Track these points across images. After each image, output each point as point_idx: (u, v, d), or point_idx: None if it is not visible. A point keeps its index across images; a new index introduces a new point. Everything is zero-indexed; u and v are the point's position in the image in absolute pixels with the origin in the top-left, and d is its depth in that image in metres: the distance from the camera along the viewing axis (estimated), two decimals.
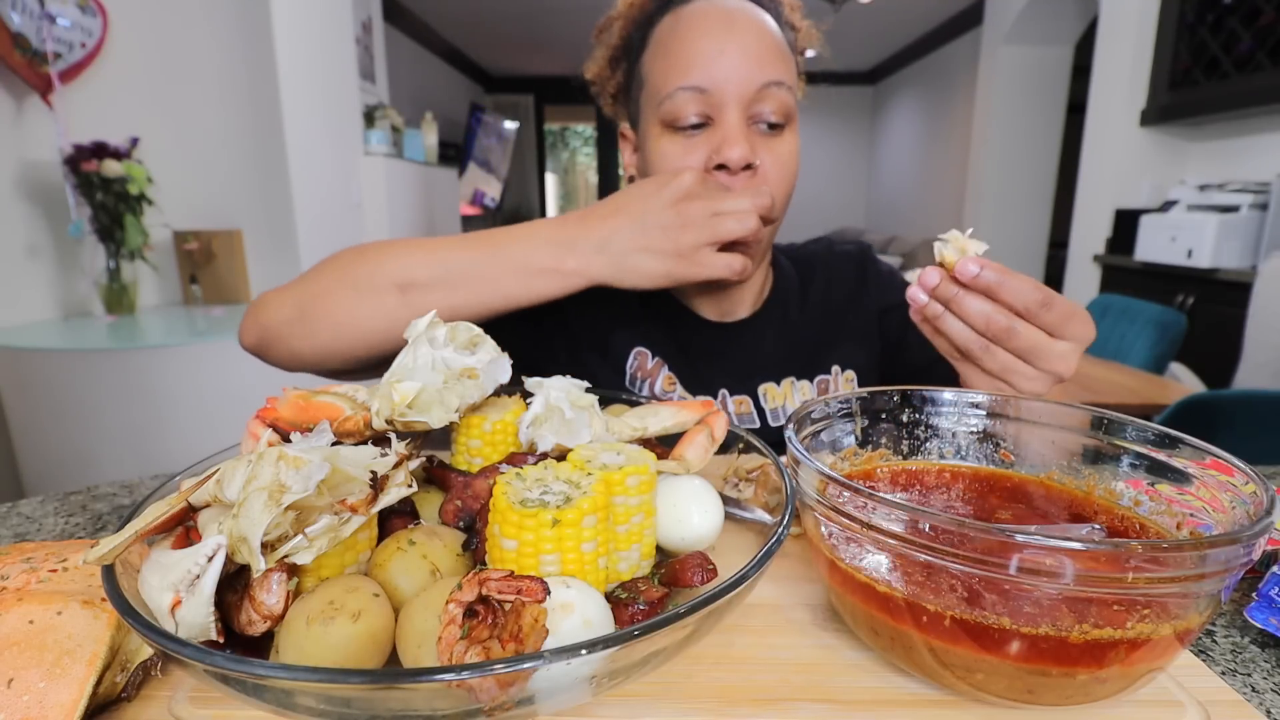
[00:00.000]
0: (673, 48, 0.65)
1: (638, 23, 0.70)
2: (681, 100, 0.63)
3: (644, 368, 0.75)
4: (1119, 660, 0.30)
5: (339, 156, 2.86)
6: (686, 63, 0.63)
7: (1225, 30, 2.59)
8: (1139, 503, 0.41)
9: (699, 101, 0.63)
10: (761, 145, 0.64)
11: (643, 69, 0.69)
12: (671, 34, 0.65)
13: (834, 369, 0.76)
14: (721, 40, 0.62)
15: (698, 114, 0.63)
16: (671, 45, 0.65)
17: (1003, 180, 4.49)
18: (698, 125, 0.64)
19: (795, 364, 0.76)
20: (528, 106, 7.83)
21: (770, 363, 0.76)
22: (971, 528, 0.30)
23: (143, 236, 2.05)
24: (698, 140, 0.64)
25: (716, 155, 0.63)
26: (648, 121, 0.68)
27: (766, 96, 0.63)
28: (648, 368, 0.75)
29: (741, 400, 0.75)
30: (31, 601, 0.34)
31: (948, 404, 0.49)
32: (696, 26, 0.64)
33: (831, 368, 0.76)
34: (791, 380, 0.75)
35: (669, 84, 0.64)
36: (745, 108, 0.63)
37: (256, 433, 0.39)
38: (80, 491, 0.66)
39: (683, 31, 0.64)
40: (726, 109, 0.63)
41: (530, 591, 0.28)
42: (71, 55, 1.97)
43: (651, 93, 0.67)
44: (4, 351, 1.69)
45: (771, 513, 0.45)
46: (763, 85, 0.63)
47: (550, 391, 0.43)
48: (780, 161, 0.65)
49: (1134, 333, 2.04)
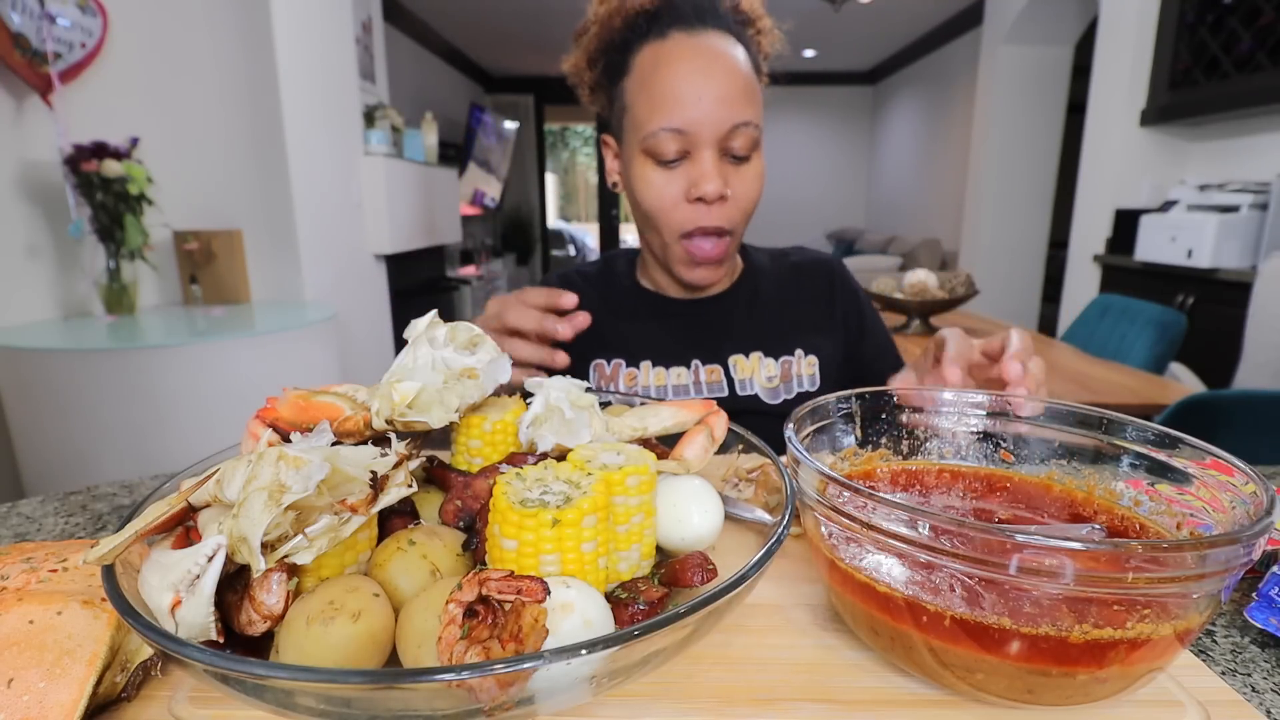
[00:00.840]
0: (654, 87, 0.72)
1: (615, 44, 0.77)
2: (663, 139, 0.72)
3: (604, 375, 0.83)
4: (1119, 660, 0.30)
5: (339, 156, 2.86)
6: (668, 106, 0.71)
7: (1225, 30, 2.59)
8: (1139, 503, 0.41)
9: (678, 140, 0.72)
10: (732, 174, 0.75)
11: (626, 95, 0.76)
12: (653, 71, 0.73)
13: (797, 351, 0.83)
14: (699, 86, 0.71)
15: (677, 150, 0.73)
16: (653, 83, 0.72)
17: (1003, 180, 4.49)
18: (677, 159, 0.74)
19: (762, 341, 0.84)
20: (528, 106, 7.83)
21: (739, 336, 0.84)
22: (971, 528, 0.30)
23: (143, 236, 2.05)
24: (677, 172, 0.74)
25: (694, 189, 0.73)
26: (631, 146, 0.76)
27: (736, 135, 0.72)
28: (606, 373, 0.83)
29: (713, 369, 0.82)
30: (31, 601, 0.34)
31: (948, 404, 0.49)
32: (675, 69, 0.71)
33: (795, 350, 0.84)
34: (760, 355, 0.83)
35: (652, 123, 0.72)
36: (718, 145, 0.73)
37: (256, 433, 0.39)
38: (80, 491, 0.66)
39: (664, 72, 0.72)
40: (702, 147, 0.72)
41: (530, 591, 0.28)
42: (71, 55, 1.97)
43: (635, 123, 0.75)
44: (4, 351, 1.69)
45: (771, 513, 0.45)
46: (733, 126, 0.72)
47: (550, 391, 0.43)
48: (747, 185, 0.76)
49: (1134, 333, 2.04)
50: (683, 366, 0.82)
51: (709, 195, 0.72)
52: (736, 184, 0.74)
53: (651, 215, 0.77)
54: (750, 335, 0.84)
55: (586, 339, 0.84)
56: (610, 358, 0.84)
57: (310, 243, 2.60)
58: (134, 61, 2.19)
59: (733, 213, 0.75)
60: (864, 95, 7.74)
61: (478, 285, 5.77)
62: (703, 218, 0.74)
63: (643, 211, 0.78)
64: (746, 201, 0.76)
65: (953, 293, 2.14)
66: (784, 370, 0.82)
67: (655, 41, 0.73)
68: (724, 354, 0.82)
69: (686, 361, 0.82)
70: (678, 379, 0.82)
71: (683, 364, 0.82)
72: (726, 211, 0.75)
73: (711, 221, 0.74)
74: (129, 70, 2.18)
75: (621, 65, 0.76)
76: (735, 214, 0.76)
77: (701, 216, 0.74)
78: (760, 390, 0.81)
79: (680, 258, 0.78)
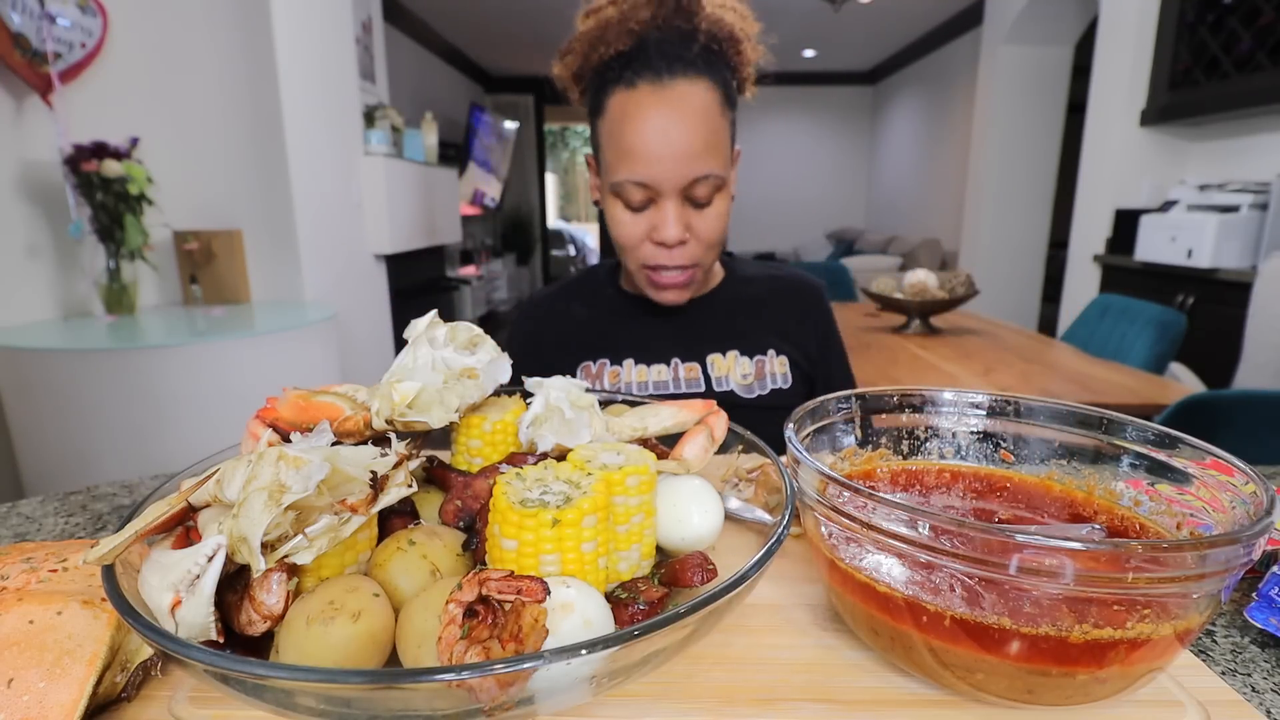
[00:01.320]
0: (621, 139, 0.76)
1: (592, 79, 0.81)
2: (628, 189, 0.77)
3: (589, 374, 0.88)
4: (1119, 660, 0.30)
5: (339, 156, 2.86)
6: (632, 160, 0.76)
7: (1225, 30, 2.59)
8: (1139, 503, 0.41)
9: (641, 191, 0.77)
10: (693, 217, 0.79)
11: (600, 134, 0.80)
12: (621, 121, 0.76)
13: (770, 351, 0.89)
14: (660, 144, 0.74)
15: (641, 199, 0.78)
16: (620, 134, 0.76)
17: (1003, 180, 4.49)
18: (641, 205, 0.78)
19: (738, 341, 0.88)
20: (528, 106, 7.83)
21: (716, 336, 0.89)
22: (971, 528, 0.30)
23: (143, 236, 2.05)
24: (642, 216, 0.79)
25: (655, 234, 0.78)
26: (605, 183, 0.81)
27: (697, 185, 0.76)
28: (592, 373, 0.88)
29: (691, 367, 0.87)
30: (31, 601, 0.34)
31: (948, 404, 0.49)
32: (640, 125, 0.75)
33: (768, 350, 0.89)
34: (735, 354, 0.88)
35: (618, 173, 0.77)
36: (679, 194, 0.77)
37: (256, 433, 0.39)
38: (80, 491, 0.66)
39: (630, 125, 0.76)
40: (664, 197, 0.77)
41: (530, 591, 0.28)
42: (71, 55, 1.97)
43: (605, 166, 0.80)
44: (4, 351, 1.69)
45: (771, 513, 0.45)
46: (694, 180, 0.76)
47: (550, 391, 0.43)
48: (709, 225, 0.80)
49: (1134, 333, 2.04)
50: (663, 364, 0.87)
51: (669, 240, 0.78)
52: (698, 225, 0.79)
53: (620, 248, 0.83)
54: (727, 336, 0.89)
55: (573, 343, 0.90)
56: (595, 358, 0.89)
57: (310, 243, 2.60)
58: (134, 61, 2.19)
59: (694, 251, 0.80)
60: (864, 95, 7.74)
61: (478, 285, 5.77)
62: (664, 258, 0.80)
63: (613, 239, 0.84)
64: (708, 237, 0.81)
65: (953, 293, 2.14)
66: (758, 368, 0.87)
67: (625, 90, 0.76)
68: (702, 353, 0.88)
69: (667, 359, 0.87)
70: (658, 375, 0.87)
71: (663, 361, 0.87)
72: (687, 251, 0.80)
73: (673, 262, 0.80)
74: (129, 70, 2.18)
75: (597, 104, 0.80)
76: (697, 251, 0.81)
77: (663, 256, 0.80)
78: (736, 386, 0.86)
79: (646, 282, 0.84)
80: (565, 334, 0.92)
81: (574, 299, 0.94)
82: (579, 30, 0.81)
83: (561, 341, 0.91)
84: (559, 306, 0.94)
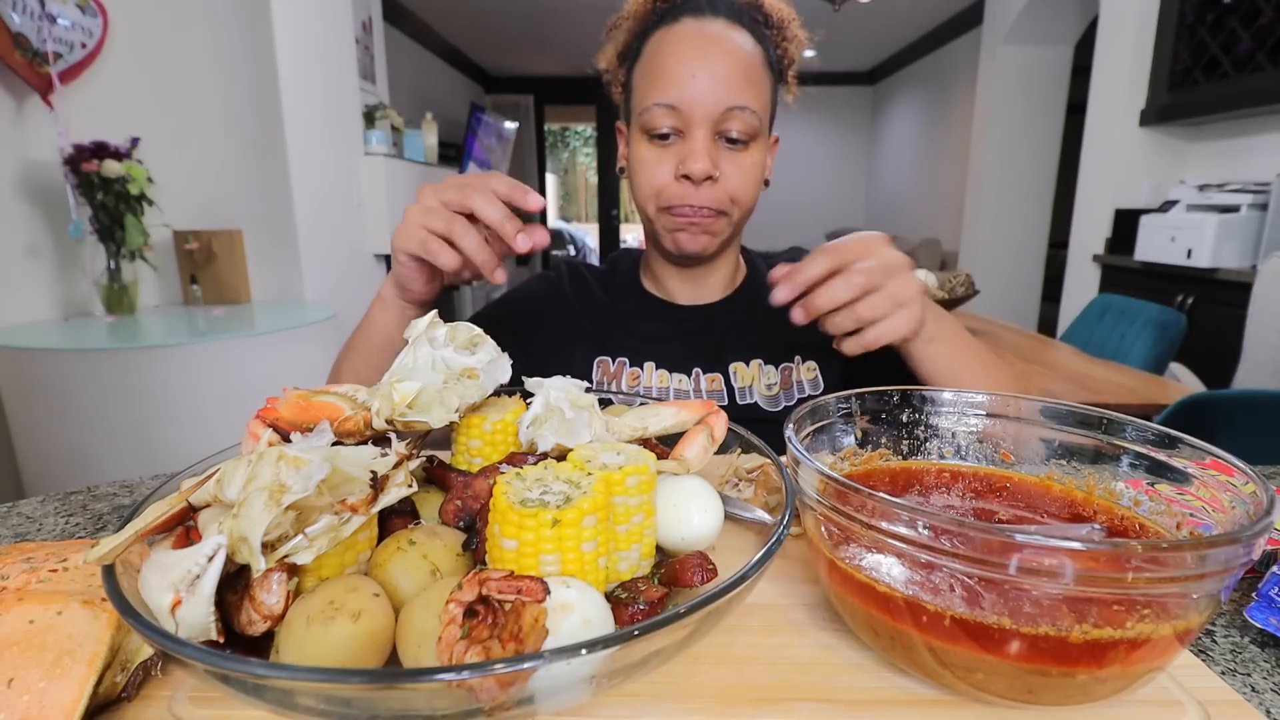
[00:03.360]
0: (654, 66, 0.74)
1: (636, 32, 0.79)
2: (656, 114, 0.73)
3: (607, 372, 0.83)
4: (1119, 660, 0.30)
5: (339, 156, 2.86)
6: (663, 82, 0.72)
7: (1225, 30, 2.59)
8: (1139, 503, 0.41)
9: (671, 116, 0.72)
10: (724, 158, 0.74)
11: (634, 78, 0.78)
12: (656, 52, 0.74)
13: (796, 358, 0.83)
14: (694, 65, 0.71)
15: (670, 126, 0.73)
16: (654, 63, 0.74)
17: (1003, 180, 4.49)
18: (669, 135, 0.74)
19: (763, 349, 0.83)
20: (528, 106, 7.83)
21: (740, 343, 0.83)
22: (971, 528, 0.30)
23: (143, 236, 2.05)
24: (670, 150, 0.74)
25: (682, 166, 0.73)
26: (633, 126, 0.77)
27: (731, 118, 0.72)
28: (610, 371, 0.83)
29: (714, 378, 0.82)
30: (31, 601, 0.34)
31: (948, 404, 0.49)
32: (675, 49, 0.73)
33: (794, 356, 0.83)
34: (759, 363, 0.83)
35: (648, 99, 0.73)
36: (712, 126, 0.72)
37: (256, 433, 0.39)
38: (80, 491, 0.66)
39: (664, 52, 0.73)
40: (694, 126, 0.72)
41: (530, 591, 0.28)
42: (71, 55, 1.97)
43: (636, 102, 0.76)
44: (4, 351, 1.69)
45: (771, 513, 0.45)
46: (728, 109, 0.71)
47: (550, 391, 0.43)
48: (741, 171, 0.75)
49: (1134, 333, 2.04)
50: (684, 374, 0.82)
51: (695, 174, 0.72)
52: (728, 168, 0.74)
53: (640, 188, 0.77)
54: (751, 342, 0.83)
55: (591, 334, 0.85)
56: (614, 356, 0.83)
57: (310, 243, 2.60)
58: (134, 61, 2.19)
59: (721, 196, 0.75)
60: (864, 95, 7.74)
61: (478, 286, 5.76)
62: (689, 196, 0.74)
63: (635, 187, 0.78)
64: (738, 188, 0.75)
65: (953, 293, 2.13)
66: (784, 377, 0.82)
67: (665, 27, 0.75)
68: (725, 361, 0.82)
69: (688, 369, 0.82)
70: (679, 384, 0.82)
71: (684, 371, 0.82)
72: (715, 194, 0.74)
73: (699, 201, 0.74)
74: (129, 70, 2.18)
75: (636, 51, 0.78)
76: (724, 198, 0.75)
77: (688, 195, 0.74)
78: (760, 398, 0.81)
79: (666, 226, 0.78)
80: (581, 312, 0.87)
81: (598, 283, 0.90)
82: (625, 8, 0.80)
83: (574, 316, 0.86)
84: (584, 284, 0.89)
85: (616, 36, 0.82)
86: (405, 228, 0.61)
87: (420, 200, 0.61)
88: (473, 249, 0.59)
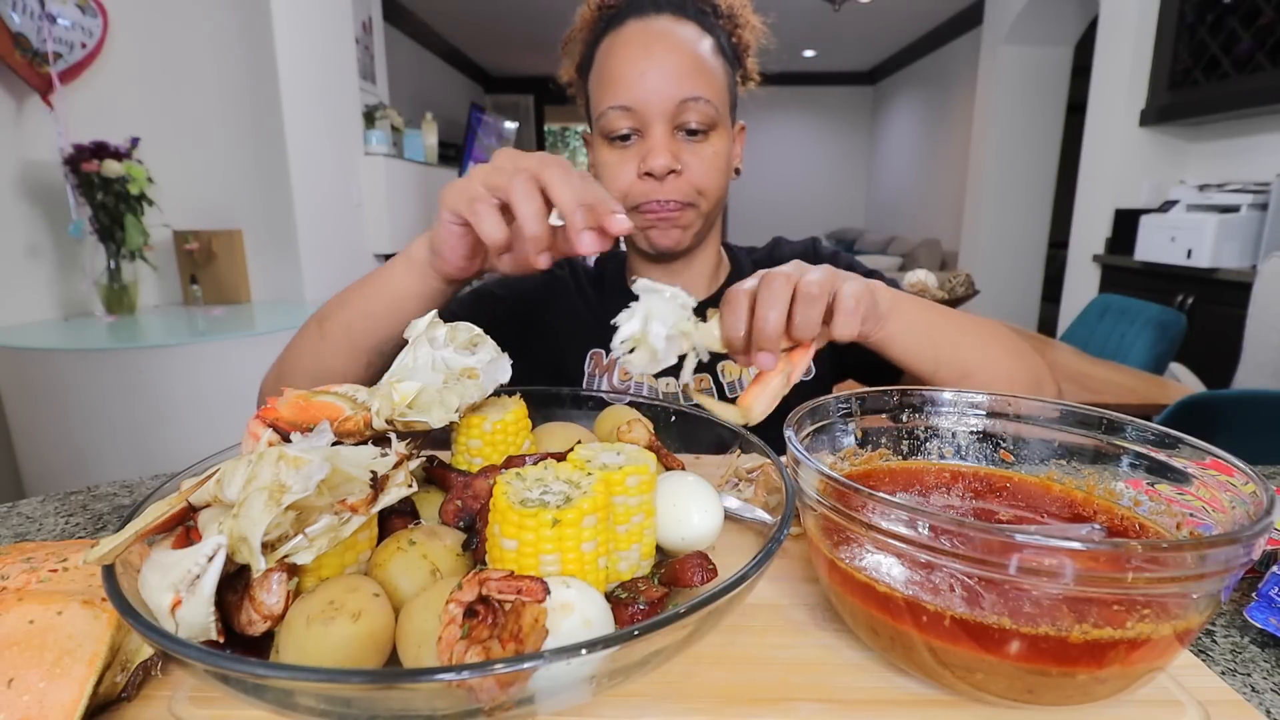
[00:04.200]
0: (605, 71, 0.75)
1: (587, 41, 0.80)
2: (612, 117, 0.74)
3: (600, 364, 0.83)
4: (1119, 660, 0.30)
5: (339, 156, 2.86)
6: (615, 85, 0.73)
7: (1225, 30, 2.59)
8: (1139, 503, 0.41)
9: (627, 117, 0.73)
10: (686, 150, 0.74)
11: (589, 86, 0.79)
12: (606, 58, 0.76)
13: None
14: (643, 64, 0.72)
15: (628, 127, 0.74)
16: (605, 69, 0.75)
17: (1003, 180, 4.49)
18: (629, 136, 0.74)
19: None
20: (528, 106, 7.83)
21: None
22: (971, 528, 0.30)
23: (143, 236, 2.05)
24: (631, 150, 0.75)
25: (643, 164, 0.73)
26: (595, 134, 0.78)
27: (686, 110, 0.72)
28: (604, 364, 0.83)
29: (702, 378, 0.81)
30: (32, 601, 0.34)
31: (948, 404, 0.49)
32: (623, 52, 0.74)
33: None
34: None
35: (603, 104, 0.74)
36: (668, 121, 0.73)
37: (256, 433, 0.39)
38: (80, 491, 0.66)
39: (613, 57, 0.75)
40: (651, 123, 0.73)
41: (530, 591, 0.28)
42: (71, 55, 1.97)
43: (594, 109, 0.77)
44: (4, 351, 1.69)
45: (771, 513, 0.45)
46: (681, 101, 0.72)
47: (653, 304, 0.43)
48: (703, 161, 0.75)
49: (1134, 333, 2.04)
50: (672, 376, 0.81)
51: (657, 170, 0.72)
52: (690, 159, 0.74)
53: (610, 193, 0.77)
54: None
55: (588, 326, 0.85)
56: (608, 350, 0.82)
57: (310, 243, 2.60)
58: (134, 61, 2.19)
59: (686, 188, 0.75)
60: (864, 95, 7.74)
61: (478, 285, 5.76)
62: (654, 192, 0.74)
63: None
64: (702, 178, 0.75)
65: (953, 293, 2.13)
66: None
67: (613, 32, 0.75)
68: (712, 360, 0.81)
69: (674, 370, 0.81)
70: (666, 387, 0.81)
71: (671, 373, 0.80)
72: (680, 187, 0.74)
73: (664, 196, 0.74)
74: (129, 70, 2.18)
75: (589, 60, 0.79)
76: (689, 190, 0.75)
77: (653, 191, 0.74)
78: None
79: (638, 225, 0.77)
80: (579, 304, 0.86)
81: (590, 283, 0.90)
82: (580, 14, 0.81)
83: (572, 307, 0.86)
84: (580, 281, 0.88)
85: (572, 50, 0.82)
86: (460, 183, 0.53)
87: (492, 161, 0.53)
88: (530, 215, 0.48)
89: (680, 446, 0.52)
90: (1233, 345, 2.03)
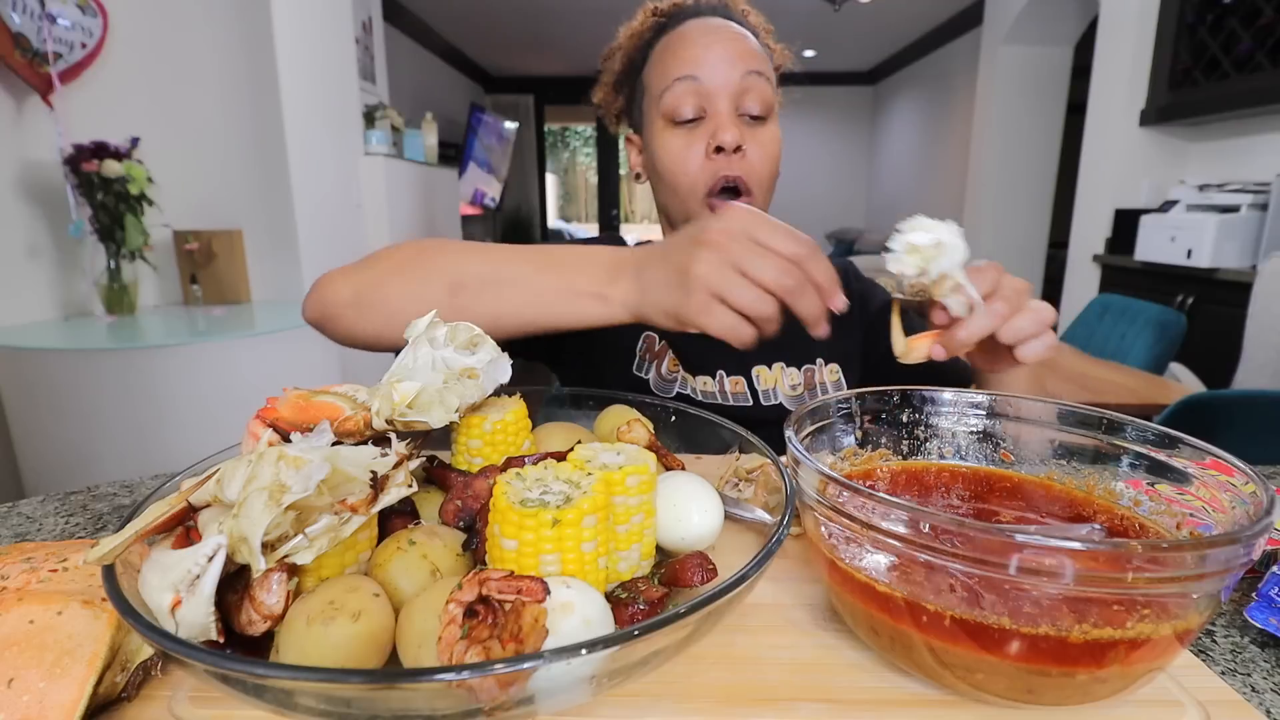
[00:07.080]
0: (668, 53, 0.77)
1: (638, 49, 0.82)
2: (679, 90, 0.74)
3: (651, 350, 0.83)
4: (1119, 660, 0.30)
5: (339, 156, 2.86)
6: (680, 60, 0.75)
7: (1225, 30, 2.59)
8: (1139, 503, 0.41)
9: (694, 92, 0.74)
10: (748, 133, 0.75)
11: (645, 79, 0.80)
12: (667, 46, 0.78)
13: (818, 360, 0.84)
14: (708, 41, 0.75)
15: (693, 107, 0.74)
16: (667, 52, 0.77)
17: (1003, 180, 4.49)
18: (694, 119, 0.75)
19: (785, 352, 0.83)
20: (528, 106, 7.83)
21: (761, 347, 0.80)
22: (971, 528, 0.30)
23: (143, 236, 2.05)
24: (696, 133, 0.75)
25: (713, 139, 0.74)
26: (651, 120, 0.79)
27: (750, 86, 0.74)
28: (655, 350, 0.82)
29: (737, 381, 0.82)
30: (31, 601, 0.34)
31: (948, 404, 0.49)
32: (687, 36, 0.76)
33: (816, 359, 0.84)
34: (781, 365, 0.83)
35: (667, 78, 0.75)
36: (733, 98, 0.74)
37: (256, 433, 0.39)
38: (80, 491, 0.66)
39: (676, 42, 0.77)
40: (717, 99, 0.74)
41: (530, 591, 0.28)
42: (71, 55, 1.97)
43: (653, 93, 0.78)
44: (4, 351, 1.69)
45: (771, 513, 0.45)
46: (745, 73, 0.74)
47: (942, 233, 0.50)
48: (763, 147, 0.76)
49: (1134, 333, 2.04)
50: (708, 375, 0.82)
51: (727, 144, 0.73)
52: (752, 144, 0.76)
53: (673, 177, 0.77)
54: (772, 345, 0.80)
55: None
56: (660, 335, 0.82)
57: (310, 243, 2.60)
58: (134, 61, 2.19)
59: (749, 169, 0.75)
60: (864, 95, 7.74)
61: None
62: (722, 168, 0.75)
63: (666, 181, 0.78)
64: (763, 163, 0.76)
65: None
66: (806, 379, 0.82)
67: (670, 32, 0.79)
68: (747, 365, 0.82)
69: (712, 371, 0.82)
70: (704, 386, 0.81)
71: (708, 374, 0.82)
72: (746, 165, 0.75)
73: (732, 171, 0.74)
74: (129, 70, 2.18)
75: (643, 61, 0.81)
76: (751, 172, 0.76)
77: (721, 167, 0.75)
78: (785, 399, 0.81)
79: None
80: None
81: None
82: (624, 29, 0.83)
83: None
84: None
85: (612, 65, 0.85)
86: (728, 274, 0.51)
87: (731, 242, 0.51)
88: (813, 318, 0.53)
89: (680, 446, 0.52)
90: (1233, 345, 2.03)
